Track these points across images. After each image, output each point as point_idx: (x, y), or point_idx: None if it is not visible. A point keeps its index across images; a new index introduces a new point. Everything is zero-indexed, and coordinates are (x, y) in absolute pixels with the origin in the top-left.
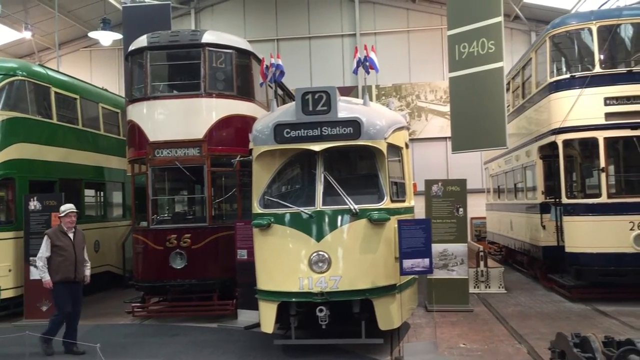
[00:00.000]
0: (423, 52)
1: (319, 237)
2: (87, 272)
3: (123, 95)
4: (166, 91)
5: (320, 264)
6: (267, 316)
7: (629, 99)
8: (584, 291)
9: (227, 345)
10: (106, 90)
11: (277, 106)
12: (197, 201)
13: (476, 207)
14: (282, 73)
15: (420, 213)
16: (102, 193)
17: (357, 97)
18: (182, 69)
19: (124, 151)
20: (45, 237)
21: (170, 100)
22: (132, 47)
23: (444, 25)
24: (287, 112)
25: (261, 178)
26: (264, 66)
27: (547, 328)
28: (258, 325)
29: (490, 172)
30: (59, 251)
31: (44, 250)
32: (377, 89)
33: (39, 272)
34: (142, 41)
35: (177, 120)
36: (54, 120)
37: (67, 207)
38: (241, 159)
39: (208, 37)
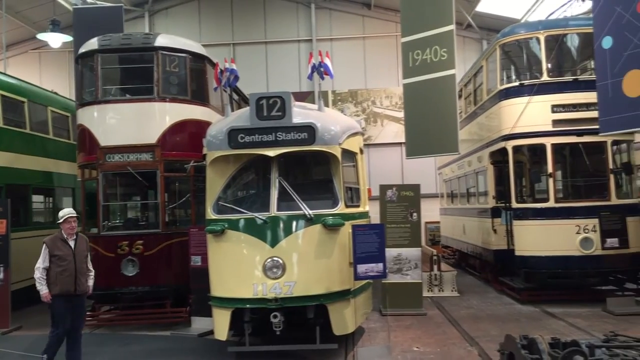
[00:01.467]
0: (378, 58)
1: (274, 242)
2: (90, 282)
3: (73, 99)
4: (118, 95)
5: (275, 270)
6: (220, 323)
7: (574, 107)
8: (533, 293)
9: (180, 353)
10: (56, 93)
11: (232, 111)
12: (150, 207)
13: (430, 211)
14: (236, 78)
15: (375, 218)
16: (51, 199)
17: (313, 102)
18: (134, 73)
19: (74, 156)
20: (44, 246)
21: (122, 104)
22: (82, 50)
23: (398, 32)
24: (241, 117)
25: (215, 183)
26: (218, 71)
27: (497, 330)
28: (212, 332)
29: (444, 177)
30: (57, 261)
31: (42, 261)
32: (333, 95)
33: (37, 284)
34: (92, 44)
35: (129, 124)
36: (0, 124)
37: (66, 212)
38: (195, 164)
39: (161, 41)
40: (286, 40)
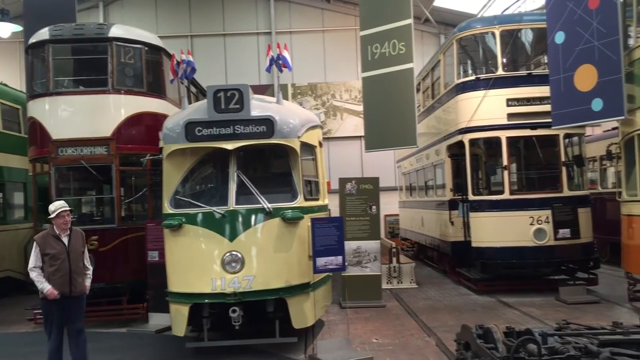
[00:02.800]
0: (338, 51)
1: (232, 236)
2: (87, 282)
3: (24, 91)
4: (71, 87)
5: (234, 264)
6: (178, 319)
7: (528, 101)
8: (489, 284)
9: (137, 350)
10: (5, 85)
11: (189, 104)
12: (106, 201)
13: (390, 204)
14: (193, 70)
15: (335, 211)
16: (1, 194)
17: (273, 95)
18: (88, 64)
19: (25, 149)
20: (34, 245)
21: (75, 96)
22: (32, 40)
23: (358, 26)
24: (198, 109)
25: (172, 177)
26: (174, 62)
27: (454, 320)
28: (170, 328)
29: (403, 171)
30: (50, 260)
31: (34, 260)
32: (293, 88)
33: (37, 283)
34: (43, 34)
35: (83, 117)
36: None
37: (58, 206)
38: (151, 157)
39: (115, 31)
40: (245, 33)
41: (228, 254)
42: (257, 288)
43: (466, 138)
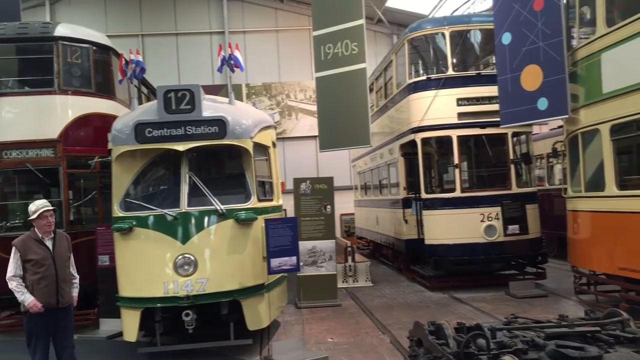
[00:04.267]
0: (292, 51)
1: (185, 239)
2: (75, 291)
3: None
4: (15, 87)
5: (186, 267)
6: (130, 324)
7: (478, 100)
8: (442, 280)
9: (87, 357)
10: None
11: (139, 104)
12: (54, 205)
13: (345, 203)
14: (142, 70)
15: (290, 211)
16: None
17: (226, 95)
18: (33, 64)
19: None
20: (13, 250)
21: (20, 97)
22: None
23: (311, 26)
24: (148, 110)
25: (122, 180)
26: (123, 62)
27: (408, 318)
28: (121, 334)
29: (358, 170)
30: (33, 267)
31: (13, 268)
32: (247, 88)
33: (17, 295)
34: None
35: (28, 118)
36: None
37: (39, 205)
38: (100, 159)
39: (62, 30)
40: (198, 32)
41: (180, 256)
42: (210, 290)
43: (418, 137)
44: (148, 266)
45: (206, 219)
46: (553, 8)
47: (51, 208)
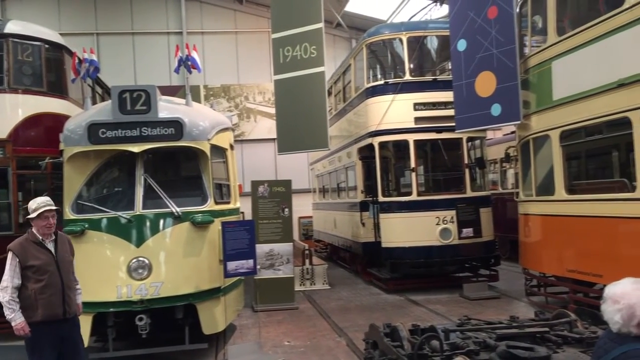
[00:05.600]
0: (251, 53)
1: (139, 242)
2: (79, 298)
3: None
4: None
5: (140, 271)
6: (81, 329)
7: (434, 105)
8: (399, 283)
9: None
10: None
11: (93, 104)
12: (2, 207)
13: (303, 206)
14: (96, 69)
15: (248, 214)
16: None
17: (184, 97)
18: None
19: None
20: (10, 256)
21: None
22: None
23: (270, 28)
24: (102, 111)
25: (74, 181)
26: (76, 61)
27: (365, 320)
28: None
29: (316, 173)
30: (34, 274)
31: (9, 277)
32: (205, 89)
33: (5, 310)
34: None
35: None
36: None
37: (40, 203)
38: (52, 160)
39: (12, 27)
40: (155, 32)
41: (134, 260)
42: (165, 294)
43: (376, 141)
44: (100, 270)
45: (161, 221)
46: (506, 17)
47: (54, 208)
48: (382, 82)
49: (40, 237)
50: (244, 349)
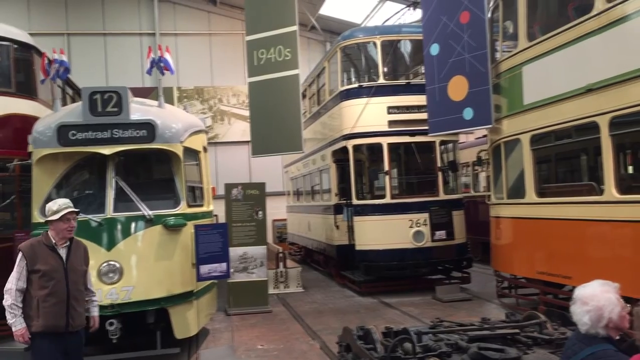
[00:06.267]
0: (225, 55)
1: (110, 245)
2: (95, 310)
3: None
4: None
5: (111, 275)
6: None
7: (407, 109)
8: (372, 285)
9: None
10: None
11: (63, 106)
12: None
13: (278, 209)
14: (66, 70)
15: (222, 217)
16: None
17: (157, 99)
18: None
19: None
20: (19, 256)
21: None
22: None
23: (244, 30)
24: (73, 112)
25: (42, 184)
26: (45, 62)
27: (338, 323)
28: None
29: (291, 176)
30: (40, 280)
31: (15, 279)
32: (179, 91)
33: (8, 314)
34: None
35: None
36: None
37: (62, 204)
38: (20, 162)
39: None
40: (127, 33)
41: (105, 264)
42: (136, 299)
43: (350, 144)
44: None
45: (133, 224)
46: (478, 22)
47: (76, 210)
48: (356, 85)
49: (54, 242)
50: (216, 353)
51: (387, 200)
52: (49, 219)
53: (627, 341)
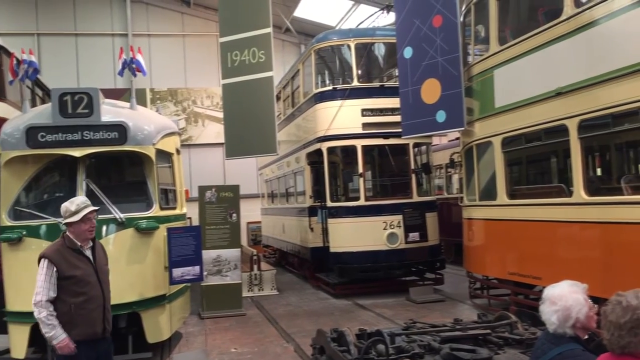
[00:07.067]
0: (199, 57)
1: None
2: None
3: None
4: None
5: None
6: (18, 340)
7: (381, 111)
8: (346, 287)
9: None
10: None
11: (33, 107)
12: None
13: (252, 211)
14: (35, 70)
15: (196, 220)
16: None
17: (129, 100)
18: None
19: None
20: (46, 264)
21: None
22: None
23: (218, 32)
24: (42, 113)
25: (11, 187)
26: (14, 62)
27: (313, 325)
28: (9, 351)
29: (265, 178)
30: (74, 286)
31: (45, 289)
32: (152, 93)
33: (44, 328)
34: None
35: None
36: None
37: (81, 204)
38: None
39: None
40: (99, 34)
41: None
42: None
43: (324, 146)
44: None
45: (104, 228)
46: (451, 25)
47: (95, 208)
48: (330, 87)
49: (79, 244)
50: (189, 357)
51: (362, 202)
52: (68, 220)
53: (595, 340)
